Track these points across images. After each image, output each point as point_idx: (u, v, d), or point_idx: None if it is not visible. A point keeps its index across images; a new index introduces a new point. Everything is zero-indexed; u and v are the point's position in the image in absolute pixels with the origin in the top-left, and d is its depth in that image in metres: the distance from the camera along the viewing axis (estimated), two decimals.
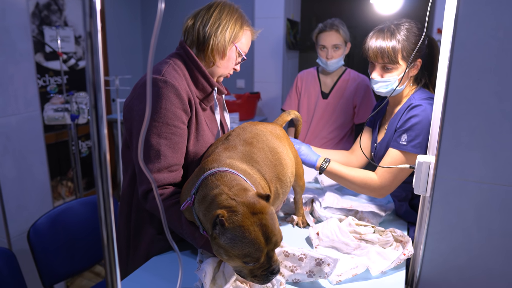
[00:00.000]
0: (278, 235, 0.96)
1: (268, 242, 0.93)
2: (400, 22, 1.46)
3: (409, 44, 1.42)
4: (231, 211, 0.93)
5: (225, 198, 0.97)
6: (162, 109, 1.20)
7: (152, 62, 0.53)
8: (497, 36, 0.97)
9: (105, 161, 0.52)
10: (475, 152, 1.03)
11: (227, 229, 0.92)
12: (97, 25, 0.49)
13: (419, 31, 1.45)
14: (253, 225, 0.92)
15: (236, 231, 0.92)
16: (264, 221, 0.93)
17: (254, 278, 0.97)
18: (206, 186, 1.03)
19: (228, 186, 1.00)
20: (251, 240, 0.91)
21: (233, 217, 0.92)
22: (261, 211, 0.94)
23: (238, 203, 0.94)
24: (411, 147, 1.40)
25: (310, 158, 1.55)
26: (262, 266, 0.95)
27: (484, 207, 1.06)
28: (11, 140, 2.04)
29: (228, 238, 0.92)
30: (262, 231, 0.92)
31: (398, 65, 1.44)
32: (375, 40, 1.46)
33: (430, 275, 1.16)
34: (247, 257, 0.92)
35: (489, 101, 1.00)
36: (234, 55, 1.36)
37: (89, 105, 0.51)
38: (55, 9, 3.29)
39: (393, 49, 1.42)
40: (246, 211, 0.93)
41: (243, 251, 0.92)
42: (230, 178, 1.03)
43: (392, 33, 1.43)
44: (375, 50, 1.46)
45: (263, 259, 0.94)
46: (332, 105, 2.40)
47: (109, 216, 0.55)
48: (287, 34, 3.84)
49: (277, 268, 0.97)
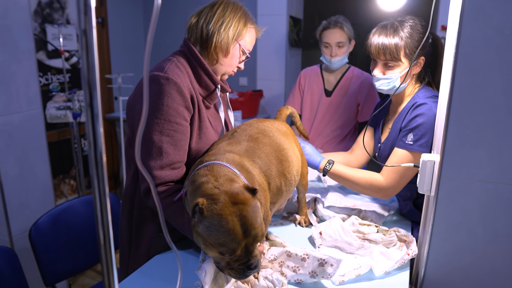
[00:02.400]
0: (258, 229, 0.94)
1: (246, 235, 0.92)
2: (404, 19, 1.44)
3: (412, 42, 1.40)
4: (211, 199, 0.93)
5: (210, 187, 0.97)
6: (164, 106, 1.19)
7: (149, 59, 0.52)
8: (503, 33, 0.95)
9: (101, 160, 0.51)
10: (480, 150, 1.02)
11: (205, 217, 0.92)
12: (92, 23, 0.48)
13: (423, 28, 1.43)
14: (231, 215, 0.91)
15: (213, 219, 0.91)
16: (244, 213, 0.92)
17: (231, 271, 0.96)
18: (196, 175, 1.04)
19: (215, 176, 1.00)
20: (227, 229, 0.90)
21: (213, 205, 0.92)
22: (243, 202, 0.93)
23: (221, 191, 0.94)
24: (418, 147, 1.38)
25: (313, 158, 1.53)
26: (239, 259, 0.94)
27: (489, 207, 1.04)
28: (13, 138, 2.04)
29: (205, 226, 0.92)
30: (241, 222, 0.91)
31: (400, 63, 1.42)
32: (378, 36, 1.44)
33: (434, 275, 1.15)
34: (222, 246, 0.91)
35: (495, 98, 0.98)
36: (237, 53, 1.35)
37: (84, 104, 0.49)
38: (57, 7, 3.29)
39: (395, 46, 1.40)
40: (227, 200, 0.92)
41: (219, 240, 0.91)
42: (220, 170, 1.03)
43: (395, 30, 1.41)
44: (377, 46, 1.43)
45: (239, 251, 0.92)
46: (335, 103, 2.38)
47: (105, 215, 0.54)
48: (290, 32, 3.81)
49: (255, 263, 0.95)
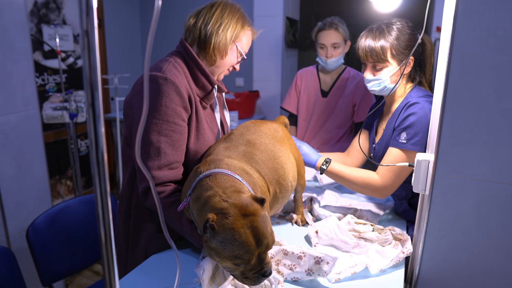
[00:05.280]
0: (269, 237, 0.95)
1: (259, 245, 0.92)
2: (391, 22, 1.47)
3: (399, 43, 1.43)
4: (221, 213, 0.93)
5: (218, 200, 0.96)
6: (162, 106, 1.19)
7: (149, 60, 0.53)
8: (496, 34, 0.96)
9: (102, 160, 0.52)
10: (474, 150, 1.03)
11: (217, 232, 0.92)
12: (93, 23, 0.48)
13: (410, 29, 1.45)
14: (243, 227, 0.91)
15: (226, 233, 0.91)
16: (255, 224, 0.92)
17: (246, 280, 0.96)
18: (200, 188, 1.03)
19: (222, 188, 1.00)
20: (241, 242, 0.90)
21: (223, 219, 0.92)
22: (253, 213, 0.93)
23: (230, 204, 0.94)
24: (411, 145, 1.40)
25: (310, 157, 1.55)
26: (254, 268, 0.94)
27: (483, 205, 1.05)
28: (10, 139, 2.03)
29: (218, 241, 0.92)
30: (253, 233, 0.92)
31: (387, 63, 1.45)
32: (365, 40, 1.47)
33: (429, 273, 1.16)
34: (237, 259, 0.92)
35: (488, 99, 0.99)
36: (234, 54, 1.37)
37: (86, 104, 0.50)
38: (54, 7, 3.28)
39: (381, 48, 1.43)
40: (237, 213, 0.92)
41: (233, 253, 0.91)
42: (225, 180, 1.02)
43: (381, 32, 1.44)
44: (365, 49, 1.46)
45: (254, 261, 0.93)
46: (331, 104, 2.39)
47: (107, 214, 0.55)
48: (286, 33, 3.83)
49: (269, 270, 0.96)
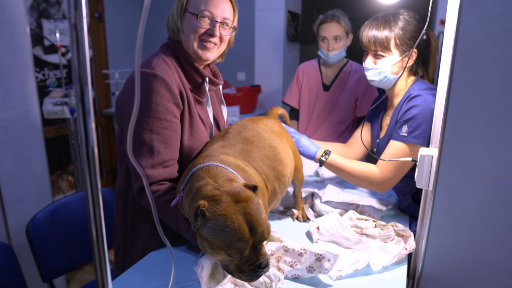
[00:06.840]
0: (264, 225, 0.91)
1: (253, 233, 0.89)
2: (398, 12, 1.46)
3: (404, 33, 1.41)
4: (213, 201, 0.90)
5: (210, 188, 0.94)
6: (153, 104, 1.16)
7: (140, 57, 0.51)
8: (502, 26, 0.94)
9: (93, 156, 0.50)
10: (479, 145, 1.01)
11: (208, 219, 0.89)
12: (82, 17, 0.47)
13: (417, 21, 1.44)
14: (235, 214, 0.88)
15: (217, 220, 0.88)
16: (248, 210, 0.89)
17: (242, 274, 0.93)
18: (192, 180, 1.01)
19: (214, 177, 0.98)
20: (233, 228, 0.87)
21: (215, 206, 0.89)
22: (246, 200, 0.90)
23: (221, 192, 0.91)
24: (412, 138, 1.38)
25: (309, 150, 1.53)
26: (249, 259, 0.91)
27: (488, 201, 1.04)
28: (10, 134, 2.02)
29: (209, 228, 0.89)
30: (246, 220, 0.89)
31: (390, 52, 1.43)
32: (369, 27, 1.46)
33: (432, 270, 1.15)
34: (230, 248, 0.88)
35: (494, 92, 0.97)
36: (192, 23, 1.24)
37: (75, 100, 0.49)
38: (54, 1, 3.26)
39: (386, 37, 1.42)
40: (229, 199, 0.90)
41: (226, 241, 0.88)
42: (217, 171, 1.00)
43: (387, 21, 1.43)
44: (368, 37, 1.45)
45: (248, 251, 0.89)
46: (333, 98, 2.37)
47: (98, 211, 0.54)
48: (288, 26, 3.79)
49: (265, 262, 0.92)
